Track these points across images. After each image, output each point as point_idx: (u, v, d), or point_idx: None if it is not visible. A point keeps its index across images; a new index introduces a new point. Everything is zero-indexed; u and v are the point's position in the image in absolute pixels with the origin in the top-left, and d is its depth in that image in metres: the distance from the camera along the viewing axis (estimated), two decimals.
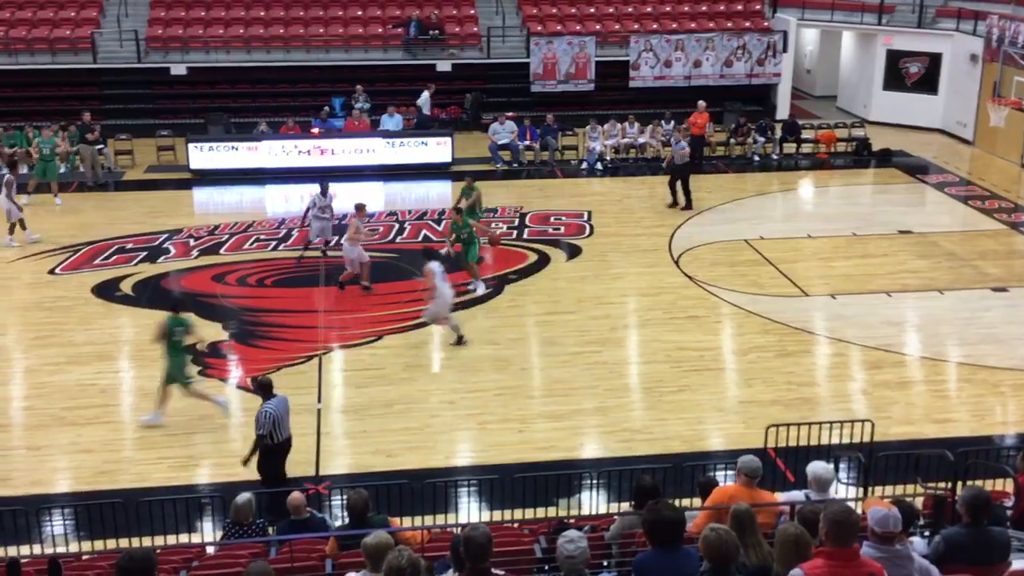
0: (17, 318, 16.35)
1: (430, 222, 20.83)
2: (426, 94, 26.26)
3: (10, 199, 18.97)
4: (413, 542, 8.02)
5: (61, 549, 10.28)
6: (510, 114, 26.05)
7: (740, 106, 28.34)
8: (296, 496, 9.30)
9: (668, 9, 30.28)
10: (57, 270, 18.17)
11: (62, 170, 23.77)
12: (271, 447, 11.10)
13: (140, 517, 10.15)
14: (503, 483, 10.91)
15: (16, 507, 10.54)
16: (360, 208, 17.35)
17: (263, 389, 11.34)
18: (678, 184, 21.79)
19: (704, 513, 7.88)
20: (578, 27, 29.11)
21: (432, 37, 28.04)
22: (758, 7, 30.52)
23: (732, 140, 26.35)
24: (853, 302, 16.94)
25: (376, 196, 23.10)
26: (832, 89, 32.81)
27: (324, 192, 18.32)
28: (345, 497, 9.04)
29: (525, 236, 20.12)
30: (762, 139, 26.05)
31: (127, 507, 10.27)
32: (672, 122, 25.56)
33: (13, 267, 18.22)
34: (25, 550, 9.97)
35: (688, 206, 21.63)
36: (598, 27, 29.18)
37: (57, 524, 10.89)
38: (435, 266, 15.04)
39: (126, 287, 17.50)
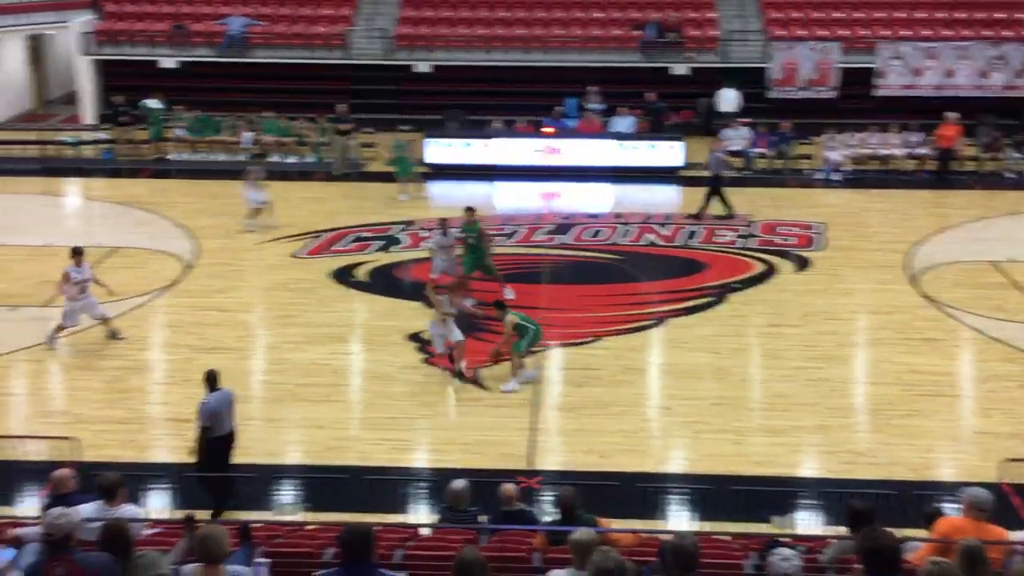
0: (262, 297, 17.42)
1: (655, 226, 20.71)
2: (731, 92, 26.07)
3: (253, 188, 20.19)
4: (620, 544, 8.00)
5: (289, 517, 10.89)
6: (744, 120, 25.52)
7: (994, 119, 26.62)
8: (508, 488, 9.46)
9: (922, 15, 28.81)
10: (300, 254, 19.24)
11: (310, 160, 25.18)
12: (213, 440, 11.13)
13: (362, 494, 10.62)
14: (716, 494, 10.75)
15: (251, 474, 11.26)
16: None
17: (209, 381, 11.37)
18: (722, 193, 21.01)
19: (927, 545, 7.50)
20: (823, 32, 28.16)
21: (670, 40, 27.84)
22: (1020, 15, 28.57)
23: (984, 155, 24.83)
24: None
25: (604, 197, 23.19)
26: None
27: (445, 232, 17.13)
28: (556, 493, 9.14)
29: (753, 245, 19.67)
30: (1017, 155, 24.42)
31: (351, 483, 10.78)
32: (920, 133, 24.37)
33: (260, 250, 19.40)
34: (257, 515, 10.62)
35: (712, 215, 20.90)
36: (844, 32, 28.12)
37: (286, 493, 11.55)
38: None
39: (361, 274, 18.31)
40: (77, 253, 15.37)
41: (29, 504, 11.18)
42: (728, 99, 26.24)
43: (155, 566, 6.53)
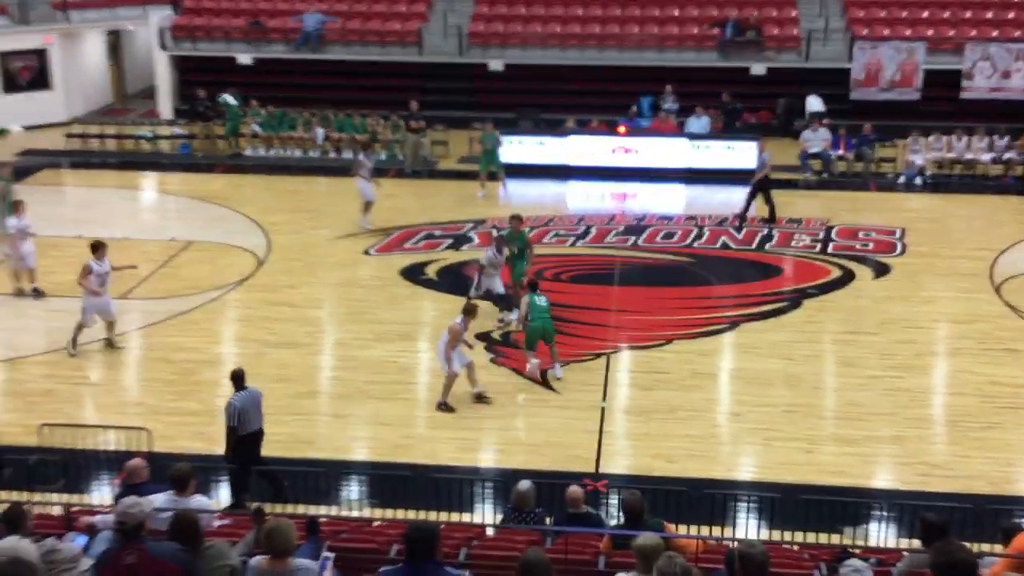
0: (333, 293, 17.56)
1: (730, 228, 20.42)
2: (816, 100, 25.74)
3: (365, 181, 20.28)
4: (687, 550, 7.88)
5: (355, 513, 10.95)
6: (824, 121, 25.07)
7: None
8: (575, 490, 9.41)
9: (1012, 16, 28.02)
10: (371, 251, 19.35)
11: (383, 157, 25.33)
12: (241, 438, 11.09)
13: (427, 492, 10.62)
14: (785, 503, 10.55)
15: (318, 469, 11.33)
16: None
17: (235, 381, 11.34)
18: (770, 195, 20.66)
19: (1004, 561, 7.28)
20: (908, 31, 27.54)
21: (749, 39, 27.46)
22: None
23: None
24: None
25: (677, 198, 22.96)
26: None
27: (499, 250, 16.18)
28: (622, 497, 9.04)
29: (830, 250, 19.28)
30: None
31: (417, 481, 10.78)
32: (1007, 138, 23.73)
33: (331, 246, 19.54)
34: (324, 510, 10.68)
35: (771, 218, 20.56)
36: (930, 32, 27.44)
37: (353, 489, 11.60)
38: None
39: (431, 271, 18.36)
40: (97, 247, 15.19)
41: (102, 492, 11.38)
42: (813, 104, 25.81)
43: (224, 557, 6.60)
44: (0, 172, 21.00)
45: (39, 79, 28.85)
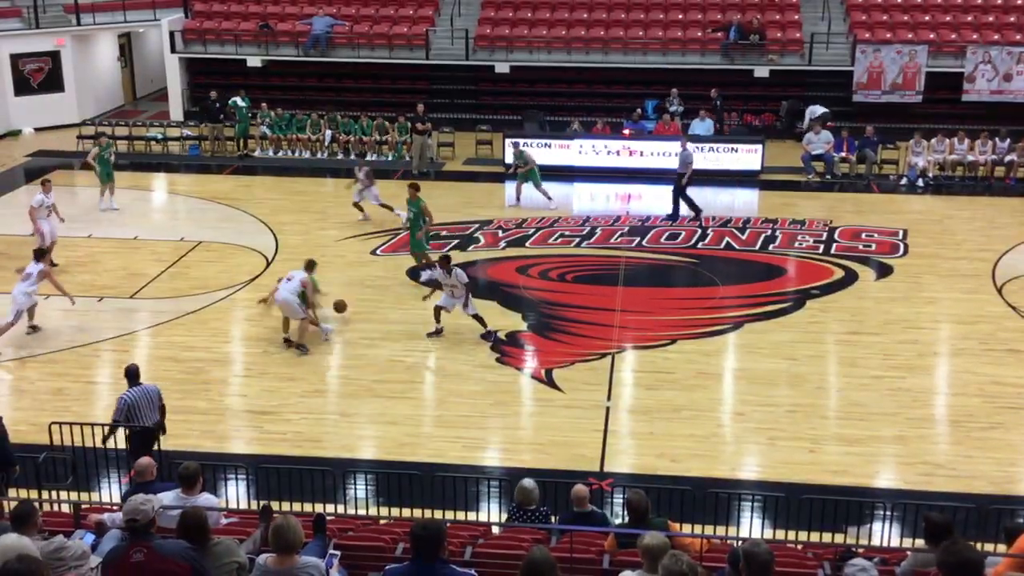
0: (341, 292, 17.60)
1: (734, 230, 20.52)
2: (819, 108, 25.89)
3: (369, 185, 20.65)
4: (691, 549, 7.96)
5: (361, 511, 11.05)
6: (827, 124, 25.13)
7: None
8: (580, 488, 9.47)
9: (1013, 19, 28.08)
10: (378, 251, 19.46)
11: (389, 159, 25.46)
12: (139, 432, 11.21)
13: (434, 490, 10.71)
14: (789, 502, 10.61)
15: (325, 468, 11.44)
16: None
17: (128, 376, 11.49)
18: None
19: (1007, 560, 7.34)
20: (910, 35, 27.62)
21: (752, 42, 27.55)
22: None
23: None
24: None
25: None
26: None
27: (449, 271, 15.91)
28: (626, 496, 9.13)
29: (833, 251, 19.37)
30: None
31: (423, 480, 10.88)
32: (1008, 140, 23.79)
33: (341, 246, 19.66)
34: (330, 508, 10.78)
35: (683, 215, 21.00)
36: (932, 36, 27.54)
37: (360, 488, 11.70)
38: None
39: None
40: (39, 255, 15.56)
41: (109, 491, 11.48)
42: (816, 113, 25.85)
43: (231, 554, 6.68)
44: (98, 141, 22.22)
45: (52, 81, 29.03)
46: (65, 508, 9.85)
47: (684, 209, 21.18)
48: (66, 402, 13.45)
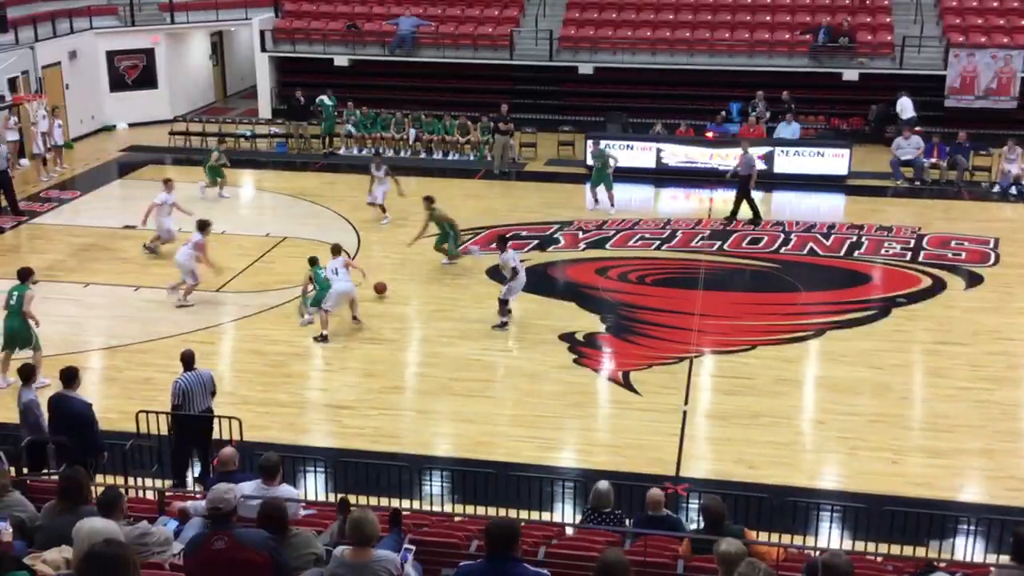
0: (420, 290, 17.82)
1: (818, 235, 20.19)
2: (908, 101, 25.44)
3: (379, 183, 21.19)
4: (768, 558, 7.87)
5: (436, 508, 11.13)
6: (917, 128, 24.60)
7: None
8: (655, 492, 9.41)
9: None
10: (458, 249, 19.54)
11: (471, 158, 25.59)
12: (186, 418, 11.39)
13: (508, 489, 10.75)
14: (869, 514, 10.42)
15: (401, 463, 11.55)
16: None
17: (184, 361, 11.67)
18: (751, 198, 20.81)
19: None
20: (1005, 39, 26.87)
21: (841, 45, 27.07)
22: None
23: None
24: None
25: (765, 204, 22.72)
26: None
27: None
28: (702, 502, 9.05)
29: (920, 259, 18.95)
30: None
31: (498, 478, 10.92)
32: None
33: (421, 243, 19.79)
34: (406, 503, 10.89)
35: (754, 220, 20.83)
36: None
37: (435, 484, 11.79)
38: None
39: None
40: (202, 227, 17.10)
41: (192, 479, 11.76)
42: (906, 107, 25.31)
43: (309, 545, 6.80)
44: (218, 155, 23.26)
45: (146, 78, 29.84)
46: (150, 495, 10.11)
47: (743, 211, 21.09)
48: (153, 392, 13.77)
